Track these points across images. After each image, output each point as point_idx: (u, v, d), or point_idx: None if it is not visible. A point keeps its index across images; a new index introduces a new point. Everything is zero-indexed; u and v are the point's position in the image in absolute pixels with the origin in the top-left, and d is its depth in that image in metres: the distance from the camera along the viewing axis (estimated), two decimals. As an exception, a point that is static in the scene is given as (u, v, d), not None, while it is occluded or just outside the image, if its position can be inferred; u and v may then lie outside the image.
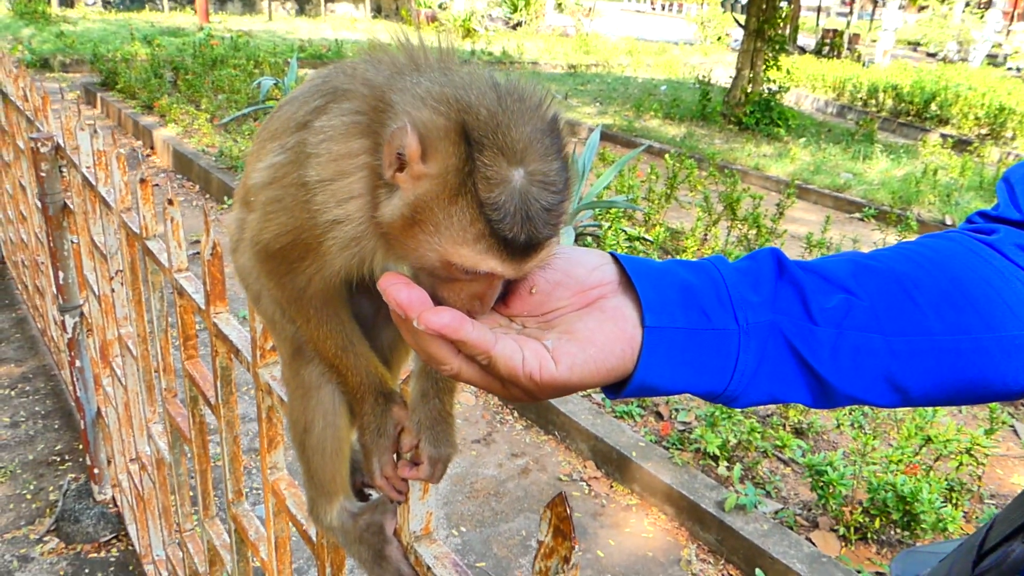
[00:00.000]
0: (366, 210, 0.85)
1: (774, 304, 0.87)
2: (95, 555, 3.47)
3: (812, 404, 0.91)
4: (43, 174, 3.12)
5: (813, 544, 3.67)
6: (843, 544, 3.77)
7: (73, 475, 3.92)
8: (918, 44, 37.69)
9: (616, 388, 0.86)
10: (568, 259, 0.88)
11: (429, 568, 1.02)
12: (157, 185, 8.86)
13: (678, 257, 6.24)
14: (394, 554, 1.07)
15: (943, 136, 16.06)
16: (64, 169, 3.16)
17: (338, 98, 0.88)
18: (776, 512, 3.92)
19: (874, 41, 28.91)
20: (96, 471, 3.63)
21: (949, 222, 9.67)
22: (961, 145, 15.30)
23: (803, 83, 20.58)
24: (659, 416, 4.73)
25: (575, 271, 0.87)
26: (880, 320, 0.88)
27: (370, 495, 1.22)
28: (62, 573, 3.36)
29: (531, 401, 0.84)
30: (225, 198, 8.30)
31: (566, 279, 0.86)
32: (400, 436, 1.01)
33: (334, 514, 1.14)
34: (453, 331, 0.75)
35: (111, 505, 3.65)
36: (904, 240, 6.84)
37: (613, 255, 0.89)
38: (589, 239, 6.82)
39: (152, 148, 10.51)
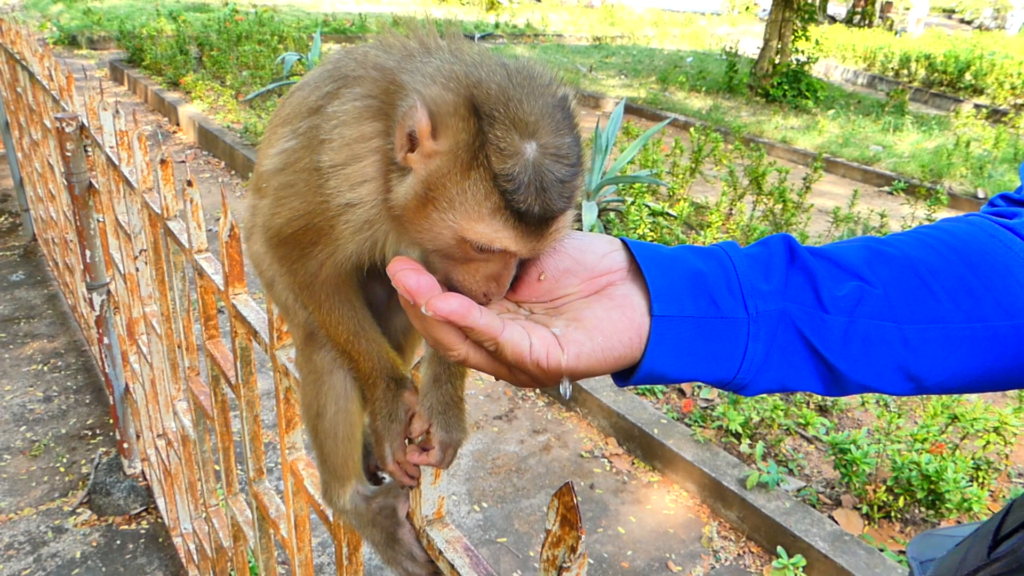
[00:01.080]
0: (379, 193, 0.85)
1: (784, 292, 0.86)
2: (126, 527, 3.55)
3: (823, 392, 0.90)
4: (69, 154, 3.16)
5: (836, 522, 3.66)
6: (866, 522, 3.76)
7: (104, 449, 4.00)
8: (953, 11, 36.90)
9: (624, 375, 0.86)
10: (578, 245, 0.87)
11: (441, 552, 1.03)
12: (183, 162, 8.94)
13: (702, 232, 6.19)
14: (406, 537, 1.08)
15: (977, 106, 15.72)
16: (89, 149, 3.19)
17: (349, 83, 0.88)
18: (799, 490, 3.91)
19: (907, 9, 28.29)
20: (125, 445, 3.70)
21: (982, 195, 9.50)
22: (996, 116, 14.98)
23: (833, 53, 20.22)
24: (681, 393, 4.73)
25: (584, 258, 0.87)
26: (893, 308, 0.87)
27: (383, 478, 1.23)
28: (95, 544, 3.43)
29: (538, 387, 0.85)
30: (250, 174, 8.34)
31: (575, 266, 0.86)
32: (411, 421, 1.02)
33: (347, 498, 1.15)
34: (460, 317, 0.75)
35: (140, 479, 3.72)
36: (929, 219, 6.72)
37: (623, 241, 0.89)
38: (612, 214, 6.78)
39: (178, 125, 10.57)
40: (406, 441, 1.03)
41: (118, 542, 3.45)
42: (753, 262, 0.88)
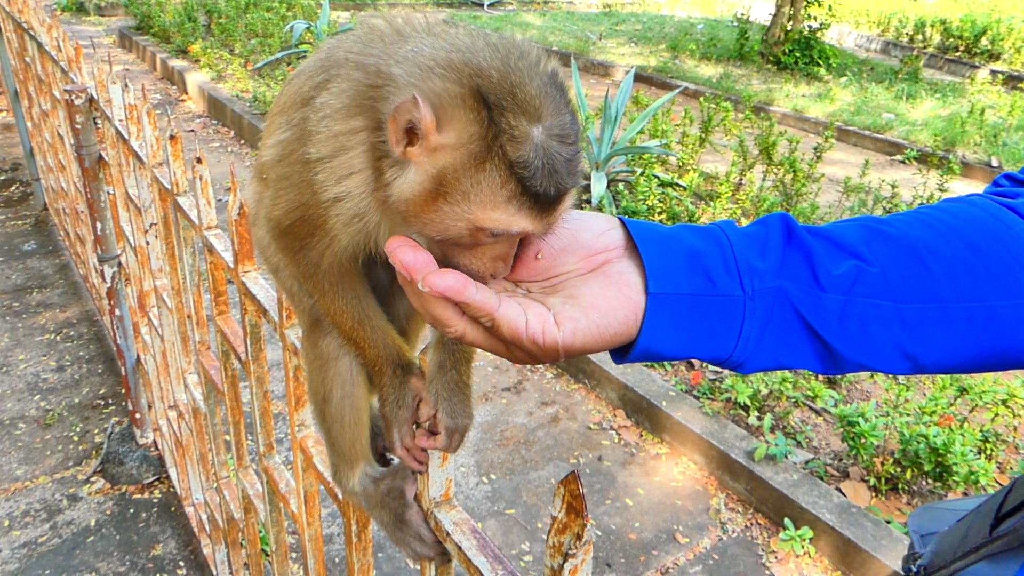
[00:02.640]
0: (367, 185, 0.85)
1: (781, 270, 0.86)
2: (139, 496, 3.60)
3: (820, 370, 0.91)
4: (78, 126, 3.16)
5: (843, 494, 3.68)
6: (873, 495, 3.78)
7: (116, 419, 4.04)
8: (970, -24, 36.20)
9: (621, 352, 0.87)
10: (575, 224, 0.88)
11: (448, 534, 1.05)
12: (192, 131, 8.90)
13: (712, 203, 6.16)
14: (414, 519, 1.09)
15: (993, 72, 15.50)
16: (99, 121, 3.18)
17: (336, 77, 0.88)
18: (806, 462, 3.93)
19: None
20: (138, 416, 3.74)
21: (995, 164, 9.41)
22: (1012, 81, 14.77)
23: (846, 19, 19.93)
24: (690, 365, 4.74)
25: (581, 236, 0.87)
26: (891, 287, 0.87)
27: (391, 459, 1.25)
28: (109, 512, 3.49)
29: (535, 363, 0.85)
30: (259, 143, 8.33)
31: (572, 244, 0.87)
32: (419, 407, 1.03)
33: (356, 480, 1.17)
34: (457, 293, 0.76)
35: (152, 448, 3.76)
36: (941, 188, 6.62)
37: (621, 220, 0.89)
38: (621, 185, 6.75)
39: (187, 93, 10.54)
40: (414, 426, 1.04)
41: (131, 511, 3.50)
42: (750, 241, 0.88)
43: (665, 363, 4.67)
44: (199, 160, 1.88)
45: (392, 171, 0.82)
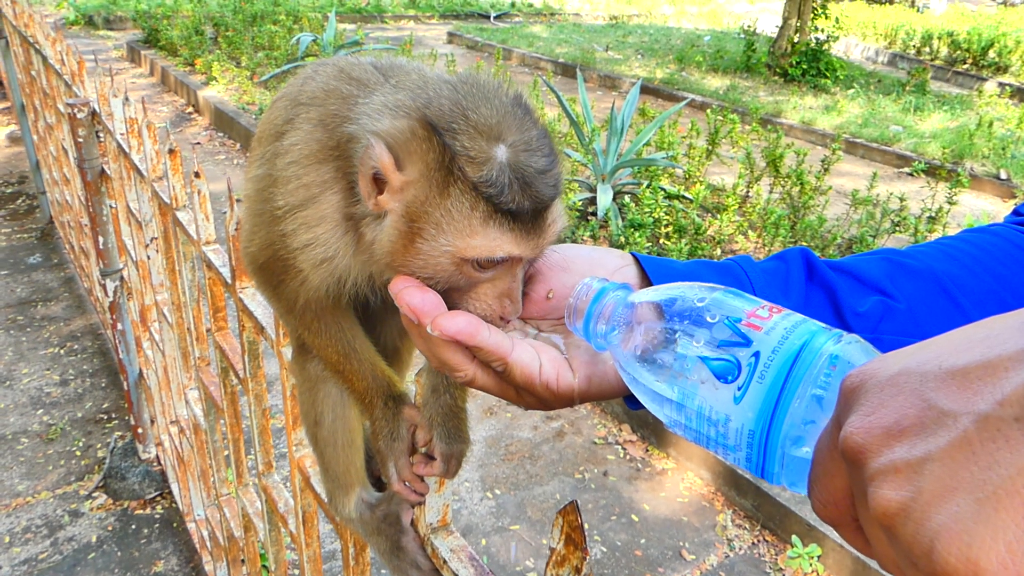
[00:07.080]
0: (336, 231, 0.83)
1: (804, 308, 0.83)
2: (141, 512, 3.57)
3: None
4: (80, 140, 3.15)
5: (851, 511, 3.63)
6: (882, 511, 3.73)
7: (119, 433, 4.02)
8: (977, -12, 36.20)
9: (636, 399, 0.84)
10: (587, 261, 0.85)
11: (445, 561, 1.02)
12: (198, 144, 8.91)
13: (719, 216, 6.12)
14: (411, 545, 1.06)
15: (1001, 85, 15.44)
16: (101, 135, 3.18)
17: (301, 114, 0.87)
18: (814, 478, 3.88)
19: (930, -15, 27.77)
20: (140, 430, 3.72)
21: (1004, 176, 9.36)
22: (1020, 94, 14.72)
23: (853, 31, 19.90)
24: (697, 379, 4.69)
25: (594, 274, 0.84)
26: (918, 323, 0.84)
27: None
28: (110, 528, 3.46)
29: (545, 410, 0.82)
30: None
31: None
32: (414, 434, 1.00)
33: (352, 506, 1.13)
34: (468, 336, 0.73)
35: (155, 464, 3.74)
36: (950, 201, 6.56)
37: (634, 256, 0.86)
38: (627, 197, 6.72)
39: (194, 106, 10.57)
40: (410, 457, 1.01)
41: (133, 526, 3.48)
42: (770, 277, 0.85)
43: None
44: (197, 174, 1.86)
45: (371, 229, 0.79)
